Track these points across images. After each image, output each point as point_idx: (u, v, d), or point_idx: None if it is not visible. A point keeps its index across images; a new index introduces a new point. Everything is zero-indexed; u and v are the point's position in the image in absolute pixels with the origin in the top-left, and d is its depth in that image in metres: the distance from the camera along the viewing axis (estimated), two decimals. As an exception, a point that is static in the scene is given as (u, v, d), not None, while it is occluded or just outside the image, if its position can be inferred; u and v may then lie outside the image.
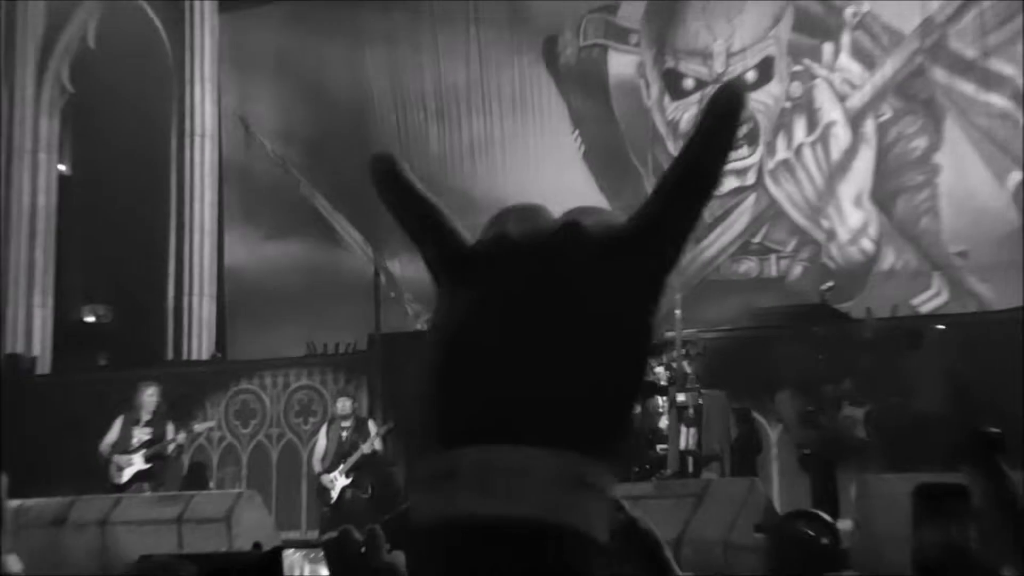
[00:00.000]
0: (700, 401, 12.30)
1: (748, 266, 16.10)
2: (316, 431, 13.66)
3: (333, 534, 1.97)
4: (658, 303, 0.76)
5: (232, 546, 10.82)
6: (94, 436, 13.07)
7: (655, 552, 2.63)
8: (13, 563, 2.40)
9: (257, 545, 10.77)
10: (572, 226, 0.76)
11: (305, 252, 17.35)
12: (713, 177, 0.76)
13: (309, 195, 17.37)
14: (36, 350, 17.31)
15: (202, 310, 17.22)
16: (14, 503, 11.87)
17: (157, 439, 12.89)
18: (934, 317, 14.10)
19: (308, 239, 17.39)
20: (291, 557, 2.17)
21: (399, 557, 1.94)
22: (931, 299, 15.16)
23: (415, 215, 0.79)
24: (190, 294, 17.16)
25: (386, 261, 16.49)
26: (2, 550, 2.49)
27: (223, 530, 11.13)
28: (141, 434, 12.88)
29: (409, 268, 16.53)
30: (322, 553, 2.07)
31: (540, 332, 0.74)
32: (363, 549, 1.93)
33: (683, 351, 12.38)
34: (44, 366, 17.15)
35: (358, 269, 15.09)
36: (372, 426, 13.01)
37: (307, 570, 2.11)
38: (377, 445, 12.87)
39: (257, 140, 17.86)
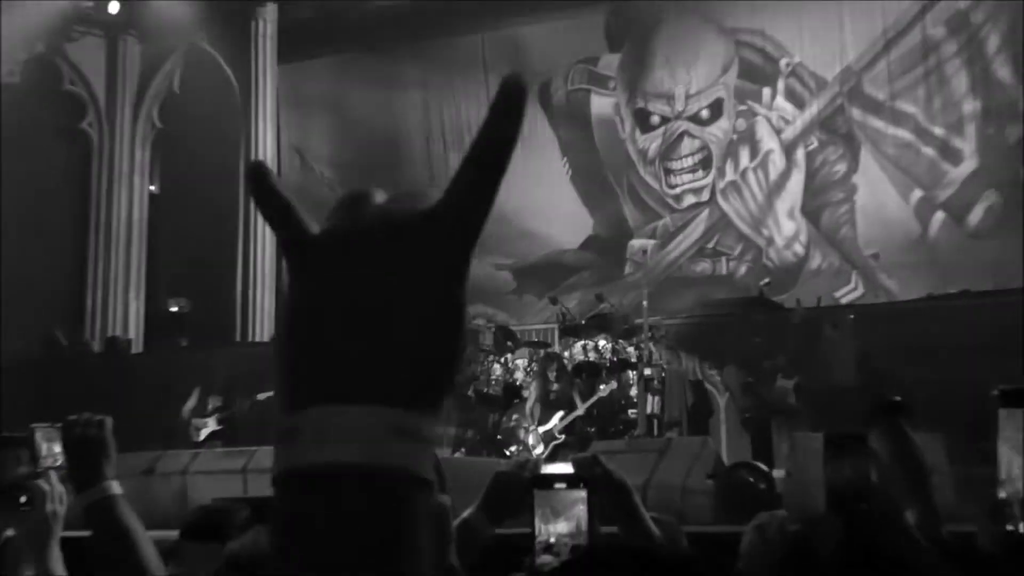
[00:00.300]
0: (663, 375, 12.28)
1: (703, 266, 16.04)
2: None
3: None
4: (462, 273, 0.75)
5: None
6: (176, 402, 13.06)
7: (626, 498, 2.57)
8: (116, 487, 2.34)
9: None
10: (383, 212, 0.77)
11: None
12: (497, 164, 0.75)
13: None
14: (131, 334, 17.34)
15: (264, 301, 17.10)
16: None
17: (228, 405, 12.88)
18: (851, 307, 14.04)
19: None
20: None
21: (446, 499, 2.01)
22: (850, 292, 15.05)
23: (271, 207, 0.79)
24: (254, 288, 17.08)
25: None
26: (107, 476, 2.50)
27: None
28: (215, 401, 12.88)
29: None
30: None
31: (360, 307, 0.73)
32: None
33: (649, 334, 12.33)
34: (137, 346, 17.15)
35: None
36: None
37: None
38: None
39: (309, 166, 17.85)
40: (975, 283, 13.18)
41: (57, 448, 2.67)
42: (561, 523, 2.33)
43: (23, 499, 2.71)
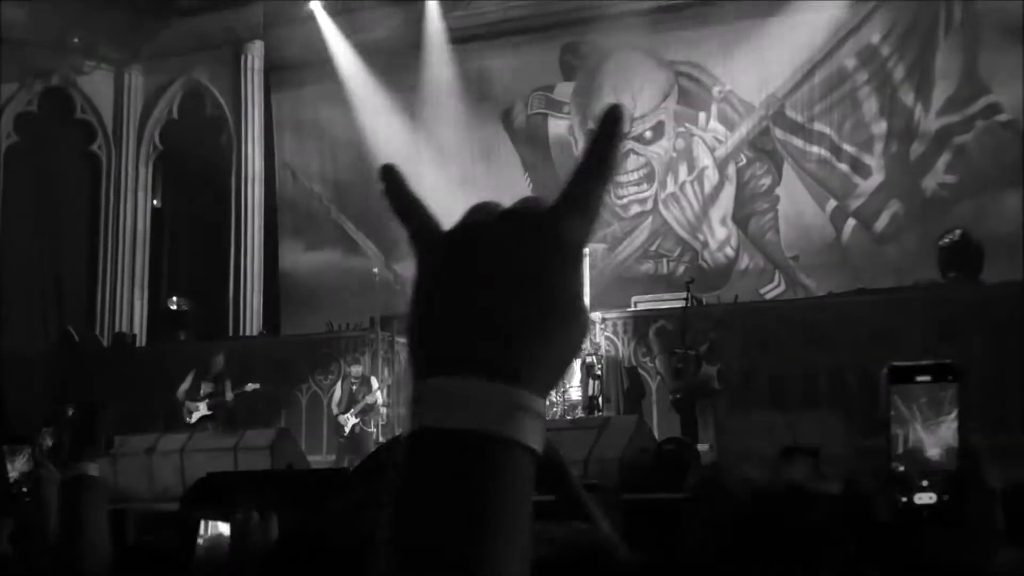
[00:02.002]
0: (602, 361, 12.45)
1: (647, 266, 16.06)
2: (333, 385, 13.63)
3: (239, 515, 2.00)
4: (578, 267, 0.75)
5: (272, 467, 10.70)
6: (176, 390, 13.11)
7: (565, 475, 2.36)
8: (92, 469, 2.25)
9: (290, 466, 10.74)
10: (508, 211, 0.76)
11: (334, 259, 17.32)
12: (605, 171, 0.76)
13: (337, 219, 17.40)
14: (136, 329, 17.41)
15: (253, 301, 17.20)
16: (118, 438, 11.96)
17: (218, 392, 12.89)
18: (767, 303, 14.34)
19: (336, 249, 17.36)
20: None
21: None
22: (774, 289, 15.26)
23: (404, 201, 0.79)
24: (244, 290, 17.16)
25: (394, 265, 16.63)
26: (84, 457, 2.39)
27: (267, 456, 11.08)
28: (207, 387, 12.87)
29: (412, 270, 16.66)
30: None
31: (484, 291, 0.73)
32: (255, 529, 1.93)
33: (591, 327, 12.53)
34: (142, 341, 17.15)
35: (372, 271, 15.07)
36: (374, 381, 13.04)
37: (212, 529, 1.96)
38: (377, 396, 12.92)
39: (300, 182, 17.87)
40: (881, 280, 13.51)
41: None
42: None
43: (25, 490, 2.67)
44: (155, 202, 18.45)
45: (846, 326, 11.67)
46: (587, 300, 0.74)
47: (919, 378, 1.19)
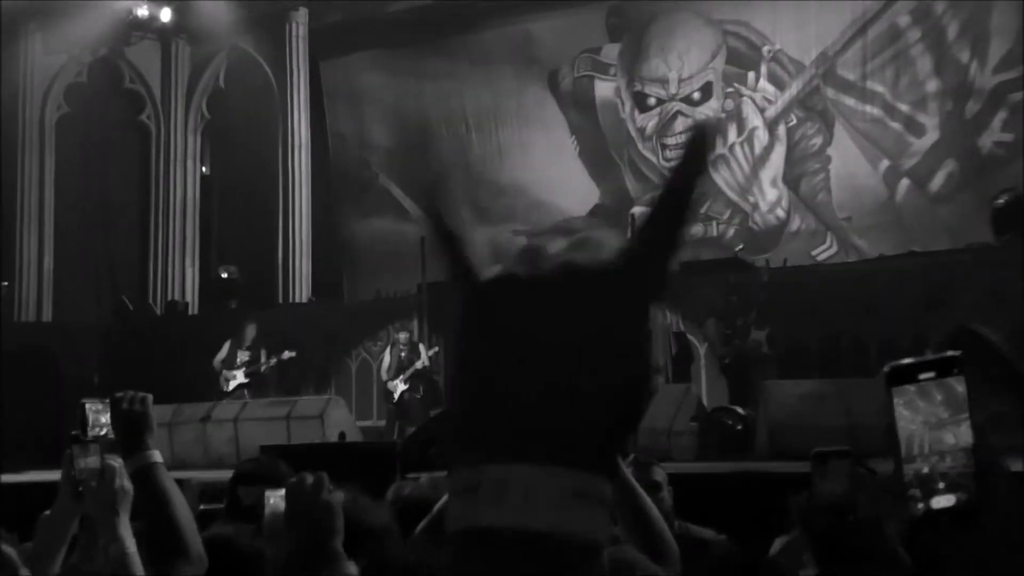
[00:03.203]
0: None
1: (696, 229, 15.88)
2: (383, 351, 13.70)
3: (294, 479, 1.98)
4: (646, 328, 0.68)
5: (324, 436, 10.79)
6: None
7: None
8: (157, 456, 2.29)
9: (342, 435, 10.78)
10: (567, 265, 0.69)
11: (386, 225, 17.35)
12: (677, 216, 0.68)
13: (387, 185, 17.51)
14: (188, 297, 17.57)
15: (301, 267, 17.29)
16: (172, 406, 12.05)
17: (253, 360, 12.96)
18: (818, 266, 14.21)
19: (388, 216, 17.39)
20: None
21: (336, 496, 1.97)
22: (825, 251, 15.12)
23: (443, 236, 0.73)
24: (293, 256, 17.26)
25: (444, 230, 16.66)
26: (150, 445, 2.47)
27: (318, 425, 11.14)
28: (243, 356, 12.97)
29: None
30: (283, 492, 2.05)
31: (544, 365, 0.66)
32: (311, 490, 1.93)
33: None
34: (193, 309, 17.34)
35: (420, 237, 15.02)
36: (422, 348, 13.09)
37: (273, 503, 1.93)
38: (426, 361, 12.96)
39: (351, 150, 17.95)
40: (934, 242, 13.35)
41: (104, 419, 2.60)
42: None
43: (93, 484, 2.59)
44: (204, 170, 18.55)
45: (898, 290, 11.52)
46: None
47: (922, 376, 1.12)
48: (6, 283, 16.57)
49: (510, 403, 0.67)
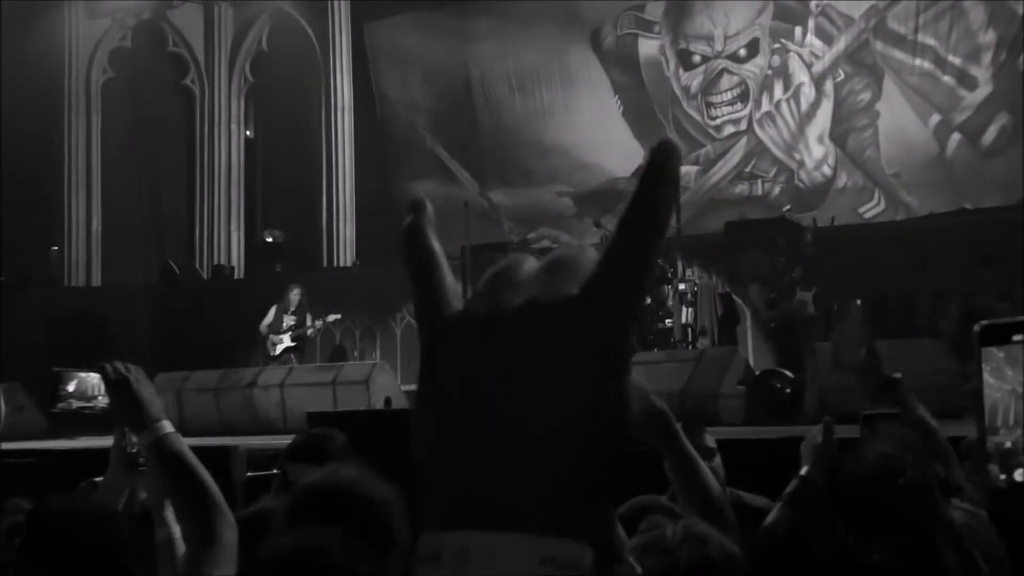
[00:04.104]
0: (695, 288, 12.28)
1: (741, 187, 15.91)
2: (428, 314, 13.73)
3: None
4: (619, 371, 0.61)
5: (370, 401, 10.74)
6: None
7: (668, 425, 2.25)
8: (168, 426, 2.19)
9: (388, 401, 10.77)
10: (528, 306, 0.62)
11: (433, 188, 17.29)
12: (643, 241, 0.62)
13: (433, 147, 17.47)
14: (234, 262, 17.58)
15: (346, 230, 17.29)
16: (219, 371, 12.13)
17: (299, 324, 12.89)
18: (864, 225, 14.02)
19: (435, 178, 17.24)
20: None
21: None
22: (873, 208, 14.94)
23: (417, 255, 0.67)
24: (337, 219, 17.24)
25: (488, 192, 16.68)
26: (158, 416, 2.33)
27: (364, 390, 11.09)
28: (288, 320, 12.89)
29: (507, 198, 16.73)
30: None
31: (507, 415, 0.60)
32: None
33: (681, 253, 12.37)
34: (239, 273, 17.37)
35: (467, 199, 14.91)
36: (468, 311, 13.11)
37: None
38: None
39: (397, 111, 17.78)
40: (986, 199, 13.15)
41: (91, 390, 2.56)
42: None
43: (140, 462, 2.59)
44: (248, 133, 18.55)
45: (949, 248, 11.33)
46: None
47: (1016, 337, 1.05)
48: (56, 248, 16.76)
49: (473, 464, 0.61)
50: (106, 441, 2.71)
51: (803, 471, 2.83)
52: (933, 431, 3.20)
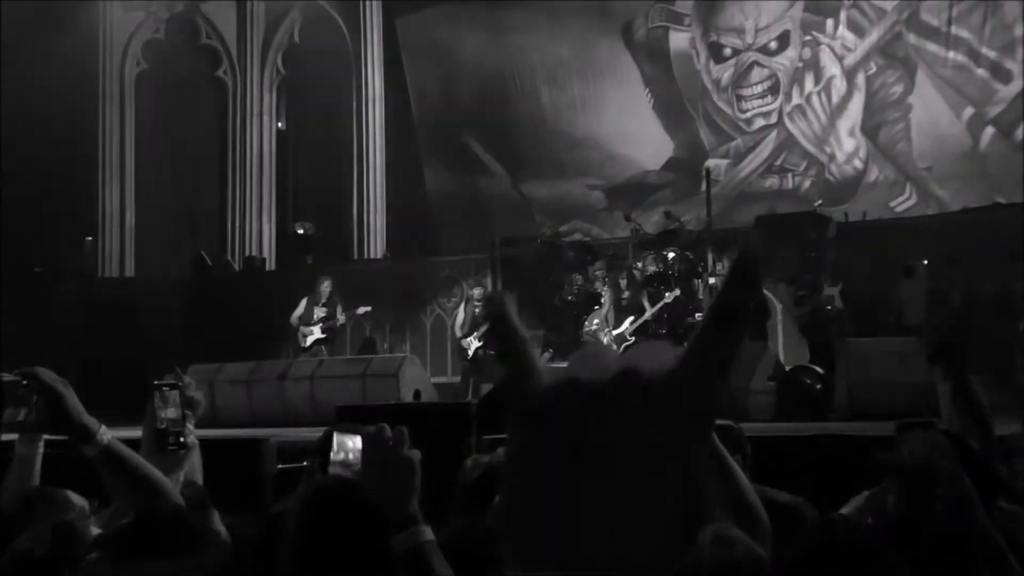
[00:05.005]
0: (725, 283, 12.12)
1: (771, 181, 15.84)
2: (456, 307, 13.66)
3: (371, 428, 1.91)
4: (704, 439, 0.67)
5: (400, 394, 10.68)
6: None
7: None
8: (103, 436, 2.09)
9: (417, 393, 10.73)
10: (628, 373, 0.66)
11: (467, 180, 17.28)
12: (726, 331, 0.67)
13: (468, 141, 17.46)
14: (265, 253, 17.62)
15: (376, 222, 17.30)
16: (250, 363, 12.13)
17: (330, 316, 12.87)
18: (896, 220, 13.86)
19: (469, 171, 17.29)
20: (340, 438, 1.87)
21: (415, 454, 1.88)
22: (904, 201, 14.83)
23: (510, 339, 0.71)
24: (368, 211, 17.26)
25: (520, 185, 16.67)
26: (92, 427, 2.23)
27: (394, 383, 11.02)
28: (319, 312, 12.88)
29: (539, 191, 16.70)
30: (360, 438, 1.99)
31: (599, 474, 0.64)
32: (390, 443, 1.86)
33: (712, 246, 12.30)
34: (271, 264, 17.39)
35: (499, 192, 14.90)
36: (497, 304, 13.07)
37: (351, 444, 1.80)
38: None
39: (430, 104, 17.75)
40: (1020, 193, 12.99)
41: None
42: None
43: (171, 441, 2.55)
44: (280, 125, 18.58)
45: (982, 244, 11.18)
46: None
47: None
48: (90, 238, 16.87)
49: (562, 510, 0.65)
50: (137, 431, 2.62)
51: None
52: (984, 410, 3.07)
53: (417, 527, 1.85)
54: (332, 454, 2.06)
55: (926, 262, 11.17)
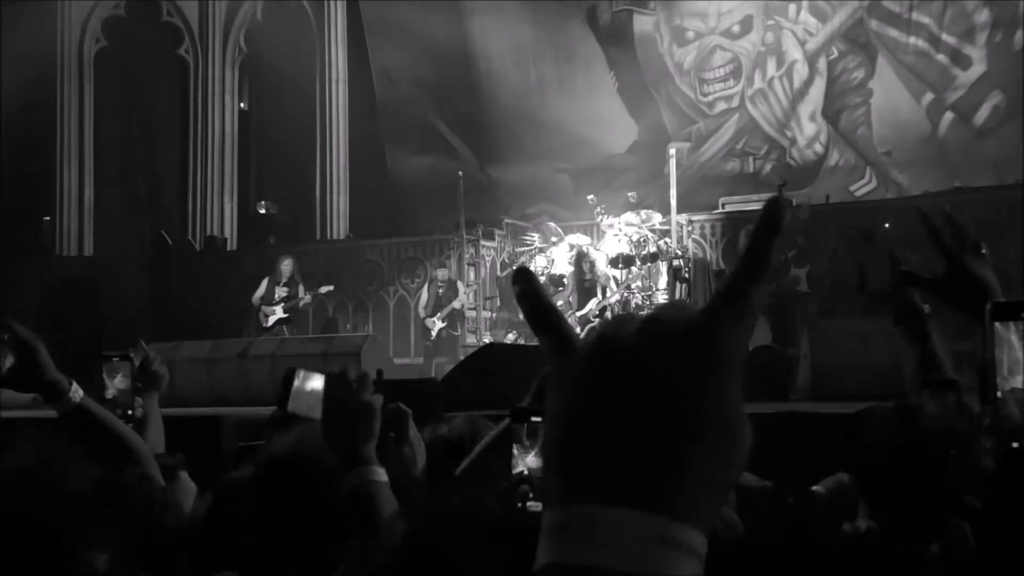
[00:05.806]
0: (691, 265, 12.23)
1: (732, 165, 15.90)
2: (420, 288, 13.62)
3: (335, 369, 1.87)
4: (736, 375, 0.69)
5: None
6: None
7: None
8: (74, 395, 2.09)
9: (379, 373, 10.74)
10: (653, 320, 0.69)
11: (433, 162, 17.08)
12: (751, 276, 0.69)
13: (434, 122, 17.34)
14: (227, 233, 17.42)
15: (339, 203, 17.14)
16: (210, 342, 12.02)
17: (291, 296, 12.76)
18: (860, 202, 13.93)
19: (435, 153, 17.13)
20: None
21: (377, 399, 1.85)
22: (864, 186, 14.93)
23: (541, 310, 0.73)
24: (331, 192, 17.09)
25: (487, 167, 16.58)
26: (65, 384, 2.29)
27: (356, 362, 10.70)
28: (280, 292, 12.76)
29: (505, 173, 16.59)
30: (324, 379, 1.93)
31: (634, 413, 0.66)
32: (353, 386, 1.83)
33: (679, 231, 12.31)
34: (232, 244, 17.21)
35: (467, 173, 14.73)
36: (460, 286, 12.99)
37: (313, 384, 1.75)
38: (464, 300, 12.90)
39: (396, 84, 17.58)
40: (979, 178, 13.09)
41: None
42: None
43: (119, 413, 2.52)
44: (242, 105, 18.39)
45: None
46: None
47: None
48: (48, 218, 16.63)
49: (602, 450, 0.67)
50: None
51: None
52: (946, 370, 3.09)
53: (369, 466, 1.83)
54: (292, 391, 2.02)
55: (888, 225, 11.22)
